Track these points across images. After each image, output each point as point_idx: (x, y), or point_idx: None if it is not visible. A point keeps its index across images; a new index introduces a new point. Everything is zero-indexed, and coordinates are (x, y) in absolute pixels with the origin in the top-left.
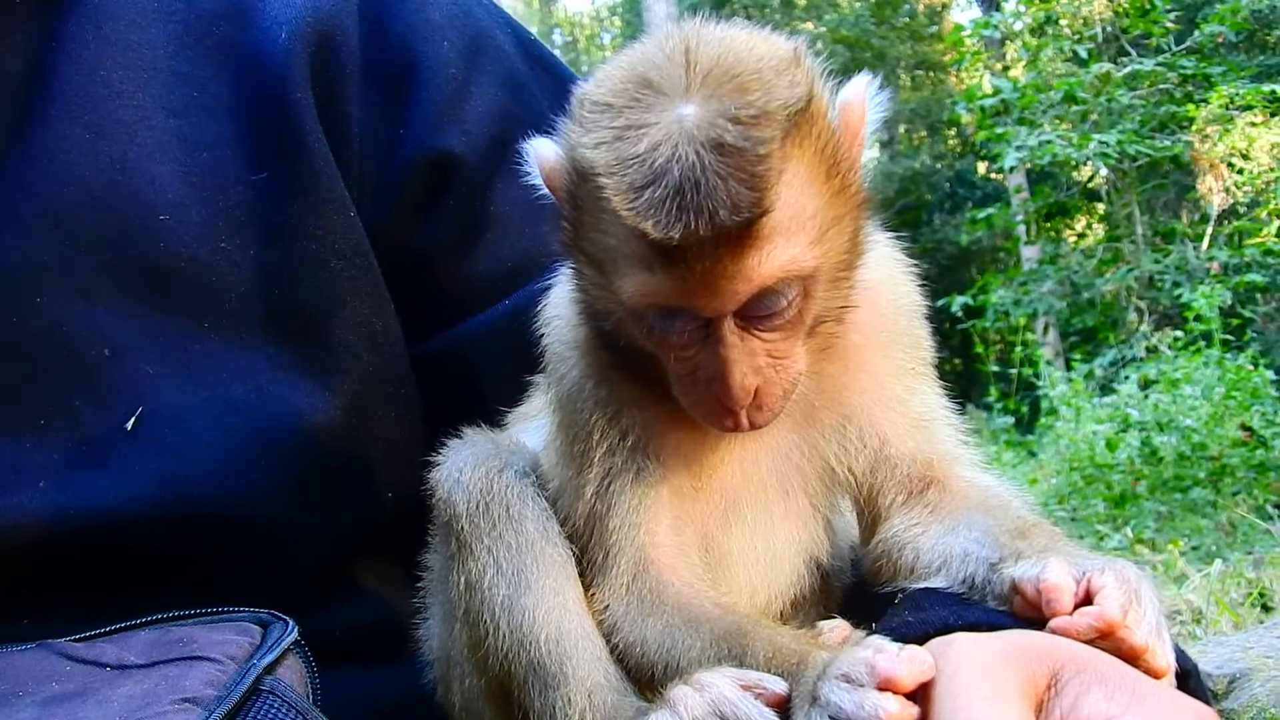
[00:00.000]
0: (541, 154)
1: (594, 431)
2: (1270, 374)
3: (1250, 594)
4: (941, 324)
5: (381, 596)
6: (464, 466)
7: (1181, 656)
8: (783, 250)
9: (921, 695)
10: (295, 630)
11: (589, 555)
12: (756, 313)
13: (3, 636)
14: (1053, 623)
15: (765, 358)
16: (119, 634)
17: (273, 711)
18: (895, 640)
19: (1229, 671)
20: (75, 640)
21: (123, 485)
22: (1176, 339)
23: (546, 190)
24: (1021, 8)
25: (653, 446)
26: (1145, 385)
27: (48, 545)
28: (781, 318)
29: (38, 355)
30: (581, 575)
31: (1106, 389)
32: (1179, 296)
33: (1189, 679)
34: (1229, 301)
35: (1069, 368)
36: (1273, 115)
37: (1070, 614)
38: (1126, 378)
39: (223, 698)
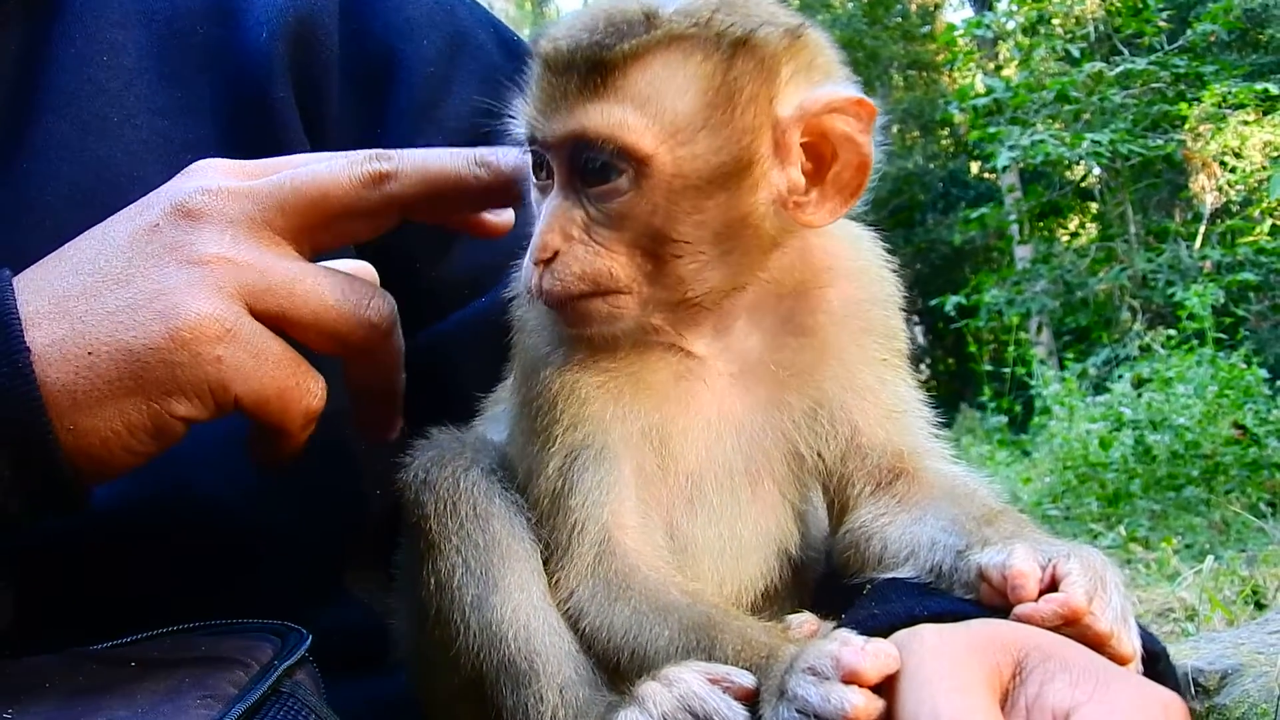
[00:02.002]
0: None
1: (556, 405)
2: (1263, 372)
3: (1243, 591)
4: (935, 324)
5: (373, 602)
6: (430, 467)
7: (1150, 640)
8: (622, 113)
9: (887, 687)
10: (310, 639)
11: (554, 538)
12: (586, 170)
13: (13, 648)
14: (1017, 610)
15: (580, 231)
16: (137, 644)
17: (292, 714)
18: (861, 633)
19: (1221, 667)
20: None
21: (127, 483)
22: (1170, 338)
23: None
24: (1014, 7)
25: (615, 422)
26: (1139, 384)
27: (55, 550)
28: (611, 199)
29: None
30: (547, 565)
31: (1100, 388)
32: (1172, 295)
33: (1158, 661)
34: (1222, 300)
35: (1062, 367)
36: (1265, 114)
37: (1035, 601)
38: (1120, 377)
39: (245, 695)
